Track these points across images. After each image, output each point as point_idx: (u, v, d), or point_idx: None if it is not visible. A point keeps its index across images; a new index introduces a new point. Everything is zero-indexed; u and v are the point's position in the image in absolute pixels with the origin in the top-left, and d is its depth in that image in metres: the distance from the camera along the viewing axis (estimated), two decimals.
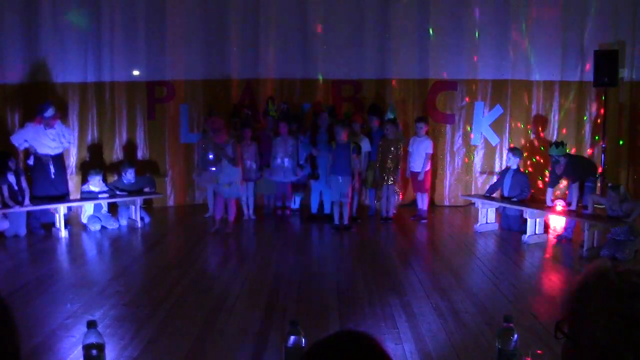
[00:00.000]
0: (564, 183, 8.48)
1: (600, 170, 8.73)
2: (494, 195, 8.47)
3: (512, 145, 9.32)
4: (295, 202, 9.35)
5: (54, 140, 8.18)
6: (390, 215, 8.71)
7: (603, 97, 9.12)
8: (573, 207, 7.54)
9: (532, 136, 9.80)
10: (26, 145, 8.20)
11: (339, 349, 1.22)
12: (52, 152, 8.23)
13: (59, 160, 8.41)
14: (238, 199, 8.45)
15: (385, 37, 9.62)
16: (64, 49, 9.43)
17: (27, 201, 7.78)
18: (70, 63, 9.47)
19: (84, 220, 8.41)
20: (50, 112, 8.11)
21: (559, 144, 7.72)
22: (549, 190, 8.01)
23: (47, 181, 8.12)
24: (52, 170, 8.18)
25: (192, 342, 4.44)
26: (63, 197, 8.34)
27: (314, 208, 8.89)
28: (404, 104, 9.81)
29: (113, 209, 8.74)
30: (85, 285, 5.84)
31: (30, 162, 8.24)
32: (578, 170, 7.68)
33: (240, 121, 9.08)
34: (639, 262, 6.65)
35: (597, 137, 9.44)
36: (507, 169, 8.32)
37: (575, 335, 1.29)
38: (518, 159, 8.24)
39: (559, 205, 7.98)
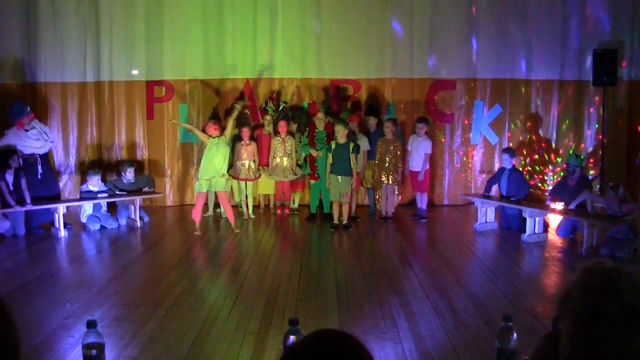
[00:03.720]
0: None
1: (598, 169, 8.71)
2: (493, 194, 8.47)
3: (507, 146, 9.30)
4: (294, 202, 9.36)
5: (37, 140, 8.16)
6: (390, 215, 8.71)
7: (602, 96, 9.11)
8: (572, 206, 7.51)
9: (531, 135, 9.79)
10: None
11: (315, 349, 1.22)
12: (40, 152, 8.22)
13: (45, 159, 8.38)
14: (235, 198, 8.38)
15: (386, 35, 9.61)
16: (63, 49, 9.42)
17: (28, 201, 7.76)
18: (69, 62, 9.46)
19: (83, 219, 8.41)
20: (28, 111, 8.08)
21: (578, 155, 7.88)
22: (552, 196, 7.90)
23: (34, 181, 8.05)
24: (40, 170, 8.16)
25: (192, 342, 4.45)
26: (56, 197, 8.32)
27: (313, 207, 8.89)
28: (403, 104, 9.80)
29: (112, 208, 8.74)
30: (84, 285, 5.85)
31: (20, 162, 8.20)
32: (587, 183, 7.78)
33: (238, 121, 9.06)
34: (639, 261, 6.66)
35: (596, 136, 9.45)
36: (502, 169, 8.33)
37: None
38: (513, 159, 8.25)
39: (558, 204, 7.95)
